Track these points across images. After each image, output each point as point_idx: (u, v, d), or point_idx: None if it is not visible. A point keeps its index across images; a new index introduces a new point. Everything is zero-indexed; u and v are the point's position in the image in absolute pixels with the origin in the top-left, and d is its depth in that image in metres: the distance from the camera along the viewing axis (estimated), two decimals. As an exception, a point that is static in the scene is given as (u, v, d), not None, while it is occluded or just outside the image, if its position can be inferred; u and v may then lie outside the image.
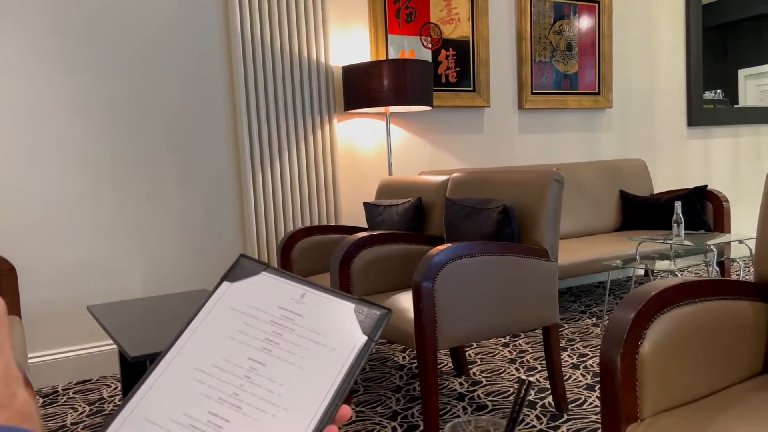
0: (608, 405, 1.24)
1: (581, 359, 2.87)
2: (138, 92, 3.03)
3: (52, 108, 2.86)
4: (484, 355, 2.99)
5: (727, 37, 5.26)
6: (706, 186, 4.00)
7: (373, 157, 3.68)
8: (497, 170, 2.66)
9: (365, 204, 3.01)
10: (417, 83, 3.22)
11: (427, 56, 3.79)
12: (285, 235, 3.00)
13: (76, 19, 2.88)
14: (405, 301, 2.19)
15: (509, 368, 2.80)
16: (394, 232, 2.57)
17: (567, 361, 2.86)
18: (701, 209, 3.95)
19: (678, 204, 3.22)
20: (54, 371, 2.89)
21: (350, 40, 3.58)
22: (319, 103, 3.39)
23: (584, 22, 4.40)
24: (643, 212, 4.18)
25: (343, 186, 3.59)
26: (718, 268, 3.54)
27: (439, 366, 2.83)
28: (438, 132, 3.89)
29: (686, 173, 5.02)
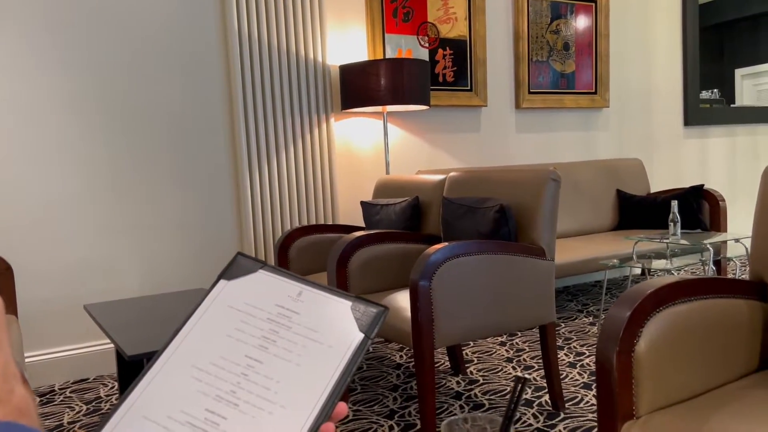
0: (604, 403, 1.24)
1: (578, 358, 2.88)
2: (136, 92, 3.03)
3: (49, 108, 2.85)
4: (481, 354, 3.00)
5: (724, 37, 5.27)
6: (703, 185, 4.01)
7: (371, 156, 3.68)
8: (494, 169, 2.67)
9: (362, 203, 3.02)
10: (414, 82, 3.22)
11: (424, 55, 3.79)
12: (282, 235, 3.00)
13: (74, 19, 2.88)
14: (402, 300, 2.19)
15: (506, 367, 2.81)
16: (391, 231, 2.57)
17: (564, 359, 2.86)
18: (698, 208, 3.96)
19: (675, 203, 3.22)
20: (51, 370, 2.89)
21: (347, 39, 3.58)
22: (317, 102, 3.39)
23: (581, 22, 4.40)
24: (639, 211, 4.19)
25: (340, 185, 3.59)
26: (714, 267, 3.55)
27: (436, 365, 2.83)
28: (435, 131, 3.90)
29: (683, 173, 5.03)
